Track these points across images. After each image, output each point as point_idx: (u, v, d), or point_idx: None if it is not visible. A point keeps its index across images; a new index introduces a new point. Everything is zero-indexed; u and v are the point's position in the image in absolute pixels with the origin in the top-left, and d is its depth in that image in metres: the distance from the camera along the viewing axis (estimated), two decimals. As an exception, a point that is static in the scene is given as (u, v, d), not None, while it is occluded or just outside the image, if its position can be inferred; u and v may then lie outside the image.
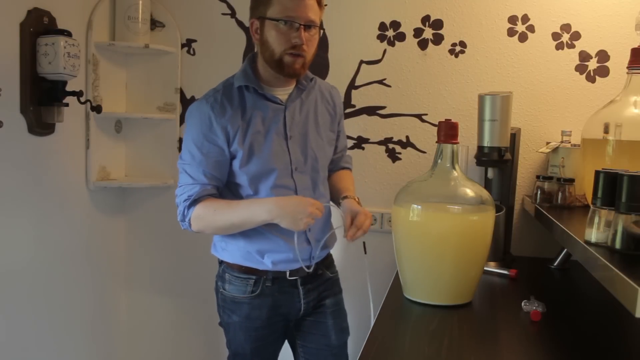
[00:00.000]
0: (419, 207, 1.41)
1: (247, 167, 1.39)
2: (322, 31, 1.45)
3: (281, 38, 1.33)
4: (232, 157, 1.40)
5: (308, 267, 1.47)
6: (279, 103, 1.43)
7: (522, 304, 1.44)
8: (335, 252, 2.12)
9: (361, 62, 2.08)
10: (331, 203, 1.52)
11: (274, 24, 1.33)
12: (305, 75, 1.46)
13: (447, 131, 1.42)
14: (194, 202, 1.37)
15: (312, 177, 1.48)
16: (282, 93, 1.45)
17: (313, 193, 1.48)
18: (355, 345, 1.83)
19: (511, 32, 1.97)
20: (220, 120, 1.37)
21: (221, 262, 1.53)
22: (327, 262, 1.59)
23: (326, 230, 1.53)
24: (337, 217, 1.50)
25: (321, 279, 1.55)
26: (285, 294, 1.48)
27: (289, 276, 1.46)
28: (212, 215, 1.37)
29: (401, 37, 2.04)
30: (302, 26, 1.32)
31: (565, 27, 1.93)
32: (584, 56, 1.93)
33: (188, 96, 2.21)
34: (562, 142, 1.79)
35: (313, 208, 1.31)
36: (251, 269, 1.46)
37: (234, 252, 1.47)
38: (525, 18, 1.95)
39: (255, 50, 1.46)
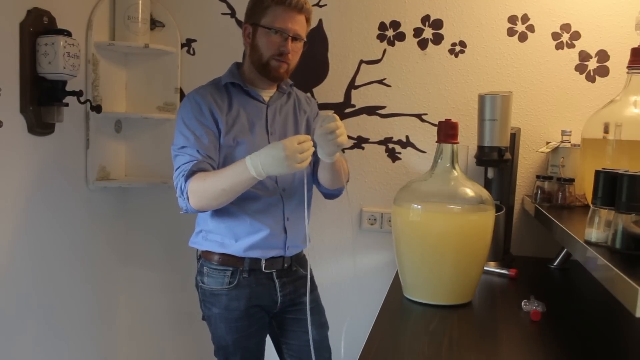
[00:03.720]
0: (419, 207, 1.41)
1: (233, 156, 1.48)
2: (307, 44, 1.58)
3: (270, 45, 1.48)
4: (220, 144, 1.50)
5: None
6: (262, 101, 1.57)
7: (522, 303, 1.44)
8: (334, 251, 2.12)
9: (361, 61, 2.07)
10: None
11: (266, 31, 1.48)
12: (285, 81, 1.61)
13: (447, 131, 1.42)
14: (190, 175, 1.41)
15: (292, 173, 1.56)
16: (265, 94, 1.59)
17: (293, 183, 1.58)
18: (354, 345, 1.83)
19: (511, 32, 1.96)
20: (208, 105, 1.49)
21: (199, 258, 1.61)
22: (300, 260, 1.66)
23: (302, 219, 1.60)
24: (317, 208, 1.50)
25: (295, 275, 1.62)
26: (261, 285, 1.55)
27: (265, 268, 1.54)
28: (203, 184, 1.40)
29: (401, 36, 2.04)
30: (290, 37, 1.48)
31: (565, 27, 1.93)
32: (584, 56, 1.93)
33: (188, 96, 2.21)
34: (562, 142, 1.79)
35: (295, 142, 1.30)
36: (227, 261, 1.53)
37: (211, 241, 1.55)
38: (525, 18, 1.95)
39: (245, 53, 1.58)
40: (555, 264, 1.86)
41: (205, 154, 1.45)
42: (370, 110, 2.08)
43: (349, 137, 2.10)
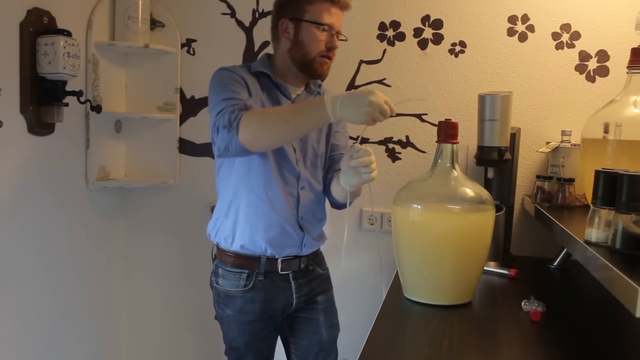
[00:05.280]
0: (419, 207, 1.41)
1: None
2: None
3: (318, 42, 1.45)
4: None
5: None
6: (288, 97, 1.52)
7: (522, 303, 1.44)
8: (334, 251, 2.12)
9: (361, 61, 2.07)
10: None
11: (314, 27, 1.44)
12: (315, 82, 1.57)
13: (447, 131, 1.42)
14: (243, 108, 1.34)
15: (311, 171, 1.54)
16: (292, 92, 1.54)
17: (314, 183, 1.53)
18: (355, 345, 1.82)
19: (511, 32, 1.96)
20: (243, 78, 1.44)
21: (215, 258, 1.58)
22: (317, 258, 1.63)
23: (317, 218, 1.58)
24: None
25: (312, 274, 1.59)
26: (277, 287, 1.52)
27: (281, 270, 1.51)
28: (264, 113, 1.34)
29: (401, 36, 2.04)
30: (336, 33, 1.47)
31: (565, 27, 1.93)
32: (584, 56, 1.93)
33: (188, 96, 2.21)
34: (562, 142, 1.79)
35: (383, 96, 1.21)
36: (243, 263, 1.50)
37: (226, 229, 1.50)
38: (525, 18, 1.95)
39: (276, 47, 1.53)
40: (555, 264, 1.86)
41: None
42: (370, 110, 2.07)
43: (350, 138, 2.09)
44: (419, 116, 2.05)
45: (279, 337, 1.65)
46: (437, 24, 2.01)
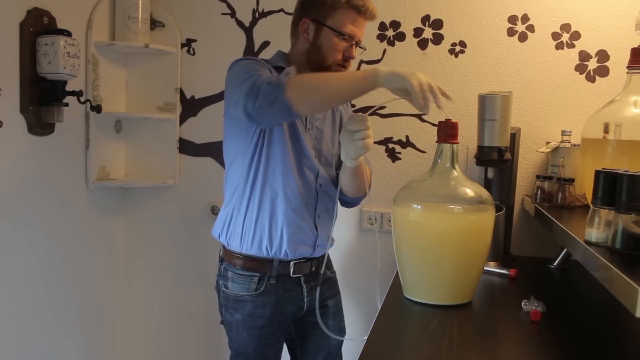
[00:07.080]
0: (419, 207, 1.41)
1: (271, 137, 1.42)
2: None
3: (337, 50, 1.43)
4: None
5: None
6: None
7: (522, 303, 1.44)
8: (335, 252, 2.12)
9: (361, 62, 2.07)
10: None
11: (335, 34, 1.42)
12: None
13: (447, 131, 1.42)
14: (286, 75, 1.33)
15: (327, 170, 1.52)
16: None
17: (330, 182, 1.51)
18: (355, 345, 1.82)
19: (511, 32, 1.96)
20: (263, 64, 1.39)
21: (222, 260, 1.54)
22: (326, 261, 1.60)
23: (331, 217, 1.54)
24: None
25: (322, 277, 1.57)
26: (288, 291, 1.50)
27: (293, 273, 1.48)
28: (316, 74, 1.33)
29: (401, 36, 2.04)
30: (355, 43, 1.45)
31: (565, 27, 1.93)
32: (584, 56, 1.93)
33: (188, 96, 2.21)
34: (562, 142, 1.79)
35: (429, 82, 1.24)
36: (254, 266, 1.46)
37: (236, 229, 1.47)
38: (525, 18, 1.95)
39: (293, 44, 1.51)
40: (555, 264, 1.86)
41: None
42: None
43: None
44: (418, 116, 2.05)
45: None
46: (437, 24, 2.01)
